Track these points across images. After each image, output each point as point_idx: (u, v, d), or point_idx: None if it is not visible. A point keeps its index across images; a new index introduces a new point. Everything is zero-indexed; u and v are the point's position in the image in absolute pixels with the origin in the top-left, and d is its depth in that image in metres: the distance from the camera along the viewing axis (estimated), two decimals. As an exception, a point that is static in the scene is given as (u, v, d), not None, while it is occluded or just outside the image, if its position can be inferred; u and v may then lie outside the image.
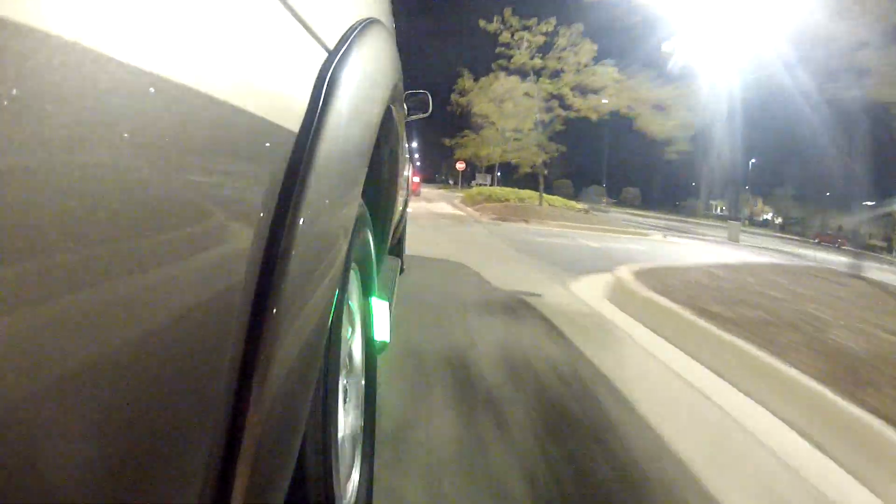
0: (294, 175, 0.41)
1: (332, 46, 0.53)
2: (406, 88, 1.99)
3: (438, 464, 1.21)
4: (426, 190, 26.52)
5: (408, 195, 2.92)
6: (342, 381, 0.76)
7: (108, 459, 0.25)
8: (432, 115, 2.49)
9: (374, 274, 0.95)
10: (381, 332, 0.96)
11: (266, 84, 0.39)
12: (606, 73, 11.84)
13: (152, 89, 0.26)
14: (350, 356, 0.85)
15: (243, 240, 0.36)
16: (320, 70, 0.49)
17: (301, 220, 0.41)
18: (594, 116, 12.44)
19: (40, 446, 0.21)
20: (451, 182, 51.13)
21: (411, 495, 1.09)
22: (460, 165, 28.59)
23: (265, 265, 0.38)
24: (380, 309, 0.97)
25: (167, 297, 0.28)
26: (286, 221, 0.40)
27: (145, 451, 0.28)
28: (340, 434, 0.71)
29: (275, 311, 0.38)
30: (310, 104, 0.46)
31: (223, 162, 0.33)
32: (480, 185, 37.85)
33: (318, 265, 0.45)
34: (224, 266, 0.34)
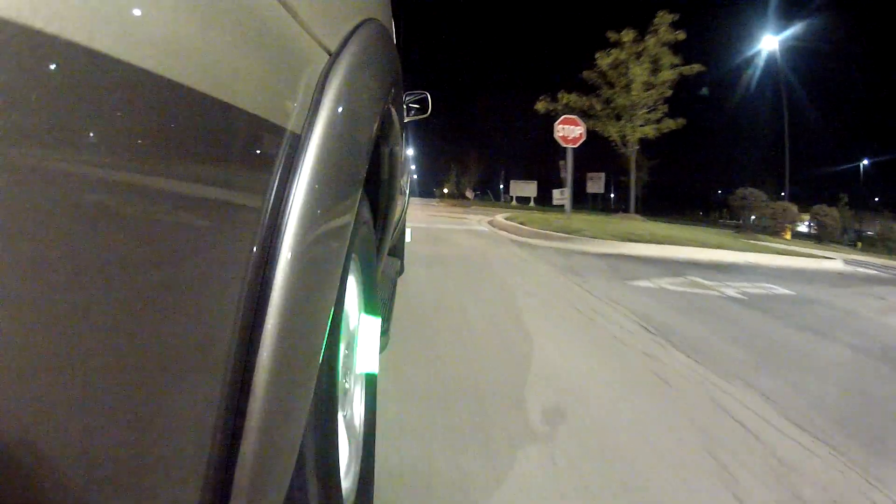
0: (296, 175, 0.42)
1: (333, 49, 0.54)
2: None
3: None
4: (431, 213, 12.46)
5: (407, 199, 2.89)
6: (342, 377, 0.77)
7: (109, 459, 0.25)
8: (431, 116, 2.46)
9: (376, 271, 0.96)
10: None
11: (270, 86, 0.40)
12: None
13: (156, 90, 0.26)
14: (350, 349, 0.87)
15: (245, 237, 0.37)
16: (322, 72, 0.50)
17: (302, 218, 0.41)
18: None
19: (41, 446, 0.21)
20: (467, 196, 33.08)
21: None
22: (574, 130, 9.01)
23: (268, 262, 0.39)
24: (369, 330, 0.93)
25: (168, 295, 0.28)
26: (287, 219, 0.41)
27: (146, 451, 0.28)
28: (340, 430, 0.71)
29: (274, 309, 0.38)
30: (312, 106, 0.47)
31: (226, 162, 0.34)
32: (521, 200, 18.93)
33: (318, 261, 0.46)
34: (225, 263, 0.34)
